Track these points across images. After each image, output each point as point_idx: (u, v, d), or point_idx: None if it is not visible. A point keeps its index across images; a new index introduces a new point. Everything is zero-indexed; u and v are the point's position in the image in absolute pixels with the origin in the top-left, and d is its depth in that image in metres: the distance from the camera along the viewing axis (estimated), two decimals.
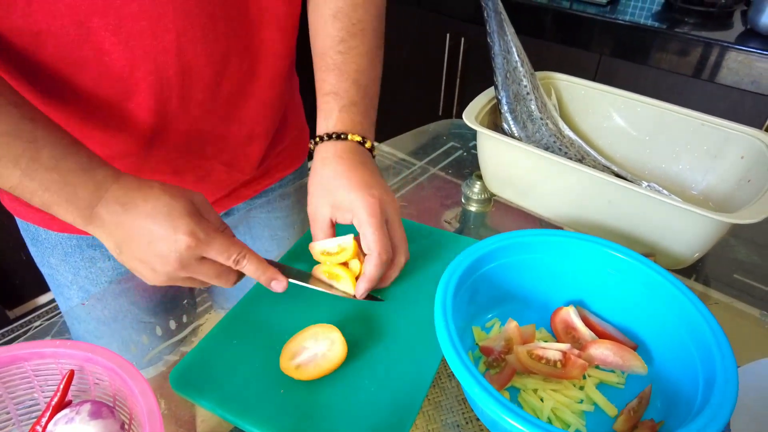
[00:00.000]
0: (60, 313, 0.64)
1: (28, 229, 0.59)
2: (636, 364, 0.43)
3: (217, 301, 0.61)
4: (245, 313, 0.49)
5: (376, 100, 0.54)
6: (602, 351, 0.44)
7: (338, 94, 0.50)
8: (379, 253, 0.45)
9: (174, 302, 0.58)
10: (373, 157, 0.51)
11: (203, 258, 0.42)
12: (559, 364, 0.41)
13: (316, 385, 0.42)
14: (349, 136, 0.49)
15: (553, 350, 0.42)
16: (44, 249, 0.59)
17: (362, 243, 0.46)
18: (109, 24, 0.41)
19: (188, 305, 0.59)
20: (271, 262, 0.46)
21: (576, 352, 0.43)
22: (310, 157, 0.59)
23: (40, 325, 1.67)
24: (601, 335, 0.46)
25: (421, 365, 0.44)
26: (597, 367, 0.44)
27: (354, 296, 0.48)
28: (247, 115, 0.56)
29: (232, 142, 0.57)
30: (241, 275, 0.45)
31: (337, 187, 0.47)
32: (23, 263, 1.63)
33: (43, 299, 1.73)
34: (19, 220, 0.60)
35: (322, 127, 0.50)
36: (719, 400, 0.33)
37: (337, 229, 0.50)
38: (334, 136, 0.49)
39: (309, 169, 0.75)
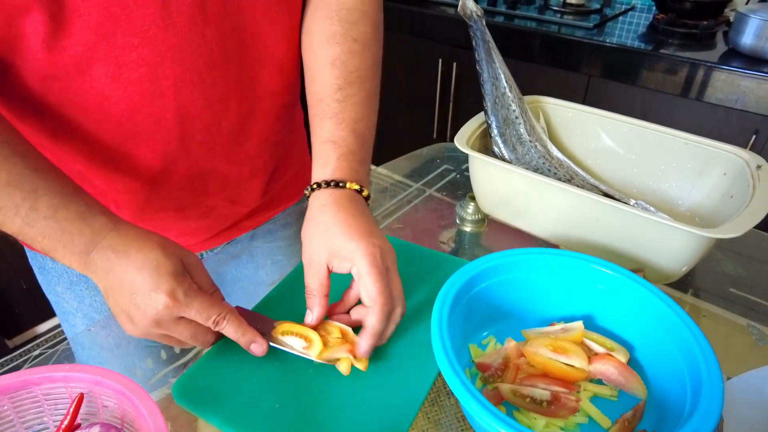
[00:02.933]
0: (61, 341, 0.65)
1: (35, 258, 0.61)
2: (637, 387, 0.44)
3: None
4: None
5: (371, 148, 0.54)
6: (607, 368, 0.44)
7: (336, 143, 0.50)
8: (383, 305, 0.44)
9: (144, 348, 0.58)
10: (368, 205, 0.51)
11: (181, 318, 0.42)
12: (545, 404, 0.42)
13: (311, 402, 0.44)
14: (348, 185, 0.48)
15: (539, 389, 0.42)
16: (51, 278, 0.61)
17: (363, 294, 0.45)
18: (109, 71, 0.43)
19: (148, 352, 0.58)
20: (249, 315, 0.47)
21: (566, 392, 0.42)
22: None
23: (40, 354, 1.66)
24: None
25: (417, 384, 0.45)
26: (594, 380, 0.45)
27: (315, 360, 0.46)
28: (248, 153, 0.57)
29: (234, 179, 0.59)
30: (219, 336, 0.46)
31: (336, 234, 0.45)
32: (23, 292, 1.63)
33: (42, 328, 1.72)
34: (27, 250, 0.61)
35: (319, 174, 0.50)
36: (705, 410, 0.35)
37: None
38: (332, 183, 0.48)
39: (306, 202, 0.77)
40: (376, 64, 0.55)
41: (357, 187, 0.49)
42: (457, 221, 0.71)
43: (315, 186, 0.49)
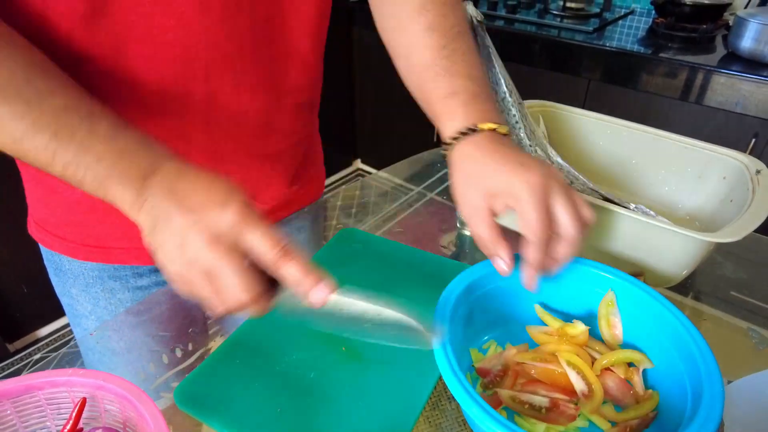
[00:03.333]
0: (62, 345, 0.65)
1: (51, 259, 0.61)
2: (632, 404, 0.43)
3: (226, 327, 0.62)
4: (249, 333, 0.51)
5: (493, 94, 0.52)
6: (608, 382, 0.44)
7: (456, 93, 0.48)
8: (540, 236, 0.41)
9: (183, 330, 0.59)
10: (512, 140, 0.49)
11: (236, 251, 0.35)
12: (544, 411, 0.42)
13: (313, 406, 0.44)
14: (479, 126, 0.46)
15: (539, 397, 0.42)
16: (66, 279, 0.61)
17: (520, 225, 0.42)
18: (144, 51, 0.44)
19: (194, 333, 0.60)
20: None
21: (566, 399, 0.42)
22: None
23: (41, 358, 1.66)
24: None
25: (418, 388, 0.45)
26: None
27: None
28: (271, 148, 0.58)
29: (255, 174, 0.59)
30: (266, 302, 0.38)
31: (487, 174, 0.43)
32: (24, 296, 1.63)
33: (43, 332, 1.73)
34: (43, 250, 0.61)
35: (449, 129, 0.48)
36: (705, 414, 0.35)
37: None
38: (467, 131, 0.46)
39: (325, 202, 0.78)
40: (465, 18, 0.56)
41: (492, 126, 0.46)
42: (458, 225, 0.71)
43: (451, 141, 0.47)
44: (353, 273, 0.52)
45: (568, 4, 1.67)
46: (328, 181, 2.43)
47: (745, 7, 1.59)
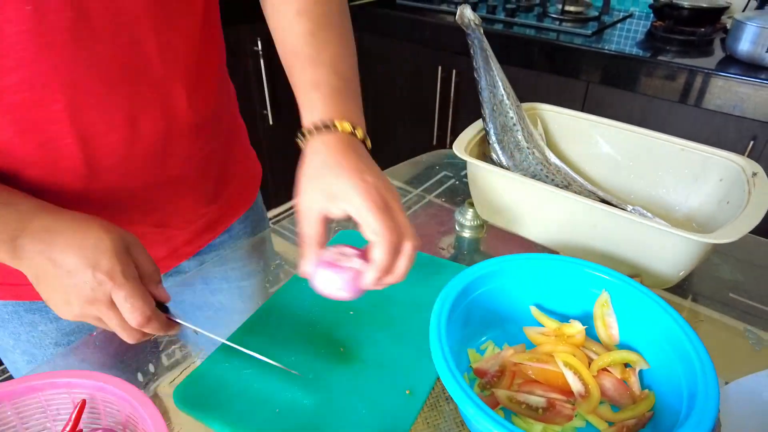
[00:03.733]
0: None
1: None
2: (629, 405, 0.43)
3: (197, 349, 0.58)
4: (248, 334, 0.51)
5: (359, 87, 0.51)
6: (605, 382, 0.44)
7: (318, 84, 0.47)
8: (388, 237, 0.41)
9: (134, 357, 0.55)
10: (367, 148, 0.48)
11: (112, 302, 0.40)
12: (541, 411, 0.42)
13: (311, 407, 0.44)
14: (337, 123, 0.45)
15: (536, 397, 0.43)
16: None
17: (366, 232, 0.42)
18: None
19: (149, 357, 0.55)
20: None
21: (563, 399, 0.43)
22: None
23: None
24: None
25: (416, 389, 0.46)
26: None
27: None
28: (169, 174, 0.54)
29: (157, 203, 0.55)
30: (145, 334, 0.43)
31: (327, 175, 0.43)
32: None
33: None
34: None
35: (307, 119, 0.47)
36: (700, 414, 0.35)
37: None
38: (322, 126, 0.45)
39: (262, 209, 0.72)
40: (343, 13, 0.54)
41: (349, 127, 0.46)
42: (456, 227, 0.72)
43: (306, 132, 0.46)
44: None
45: (567, 8, 1.68)
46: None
47: (743, 11, 1.59)
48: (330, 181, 0.43)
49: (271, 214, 2.05)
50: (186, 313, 0.58)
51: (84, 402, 0.38)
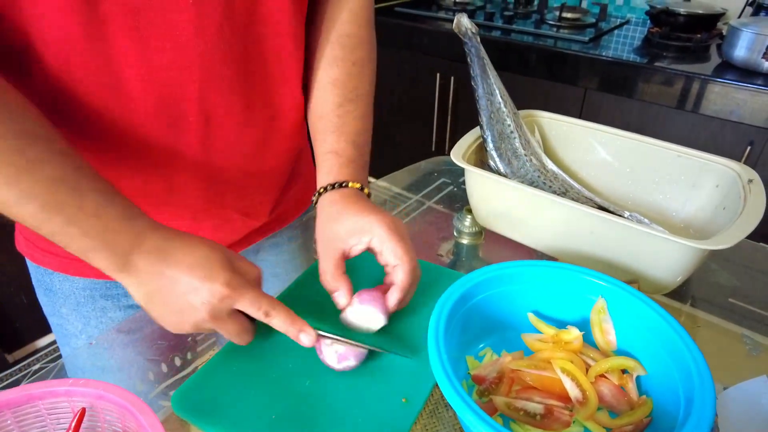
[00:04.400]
0: (60, 355, 0.65)
1: (41, 279, 0.61)
2: (627, 411, 0.44)
3: (220, 340, 0.63)
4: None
5: (368, 158, 0.58)
6: (602, 389, 0.45)
7: (338, 153, 0.54)
8: (410, 260, 0.47)
9: (170, 346, 0.59)
10: None
11: (233, 311, 0.43)
12: (539, 417, 0.42)
13: (308, 413, 0.44)
14: (350, 184, 0.53)
15: (534, 403, 0.43)
16: (56, 299, 0.61)
17: (387, 257, 0.48)
18: (140, 74, 0.45)
19: (191, 344, 0.60)
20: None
21: (561, 406, 0.43)
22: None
23: (40, 368, 1.66)
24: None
25: (414, 396, 0.46)
26: None
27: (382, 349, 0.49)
28: (265, 166, 0.59)
29: (250, 192, 0.60)
30: (254, 334, 0.47)
31: (349, 215, 0.49)
32: (24, 306, 1.64)
33: (42, 342, 1.72)
34: (33, 269, 0.61)
35: (324, 180, 0.54)
36: (696, 420, 0.35)
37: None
38: (336, 185, 0.52)
39: (315, 208, 0.78)
40: (371, 83, 0.60)
41: (359, 185, 0.53)
42: (455, 234, 0.72)
43: (322, 190, 0.53)
44: (352, 282, 0.52)
45: (564, 14, 1.69)
46: None
47: (739, 17, 1.60)
48: (350, 221, 0.49)
49: None
50: None
51: (84, 410, 0.38)
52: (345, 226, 0.49)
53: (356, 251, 0.49)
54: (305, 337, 0.46)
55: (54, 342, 1.72)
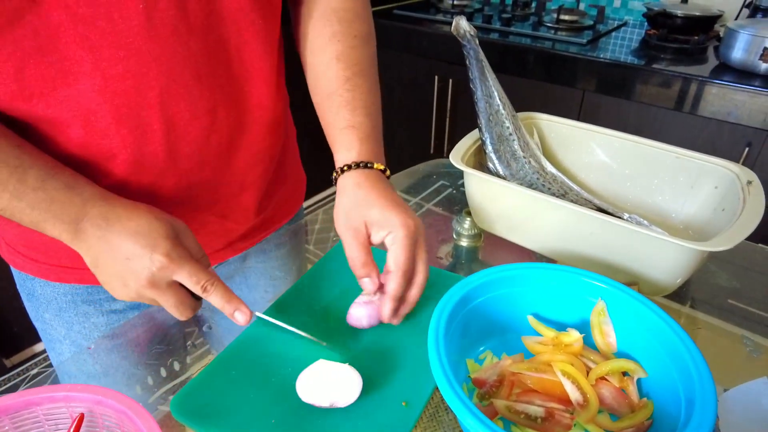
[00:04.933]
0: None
1: (23, 285, 0.60)
2: (628, 413, 0.43)
3: (214, 345, 0.62)
4: (245, 345, 0.51)
5: (381, 134, 0.58)
6: (603, 391, 0.44)
7: (355, 127, 0.53)
8: (404, 271, 0.48)
9: (167, 352, 0.59)
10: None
11: (172, 282, 0.44)
12: (540, 420, 0.42)
13: (308, 417, 0.44)
14: (375, 165, 0.53)
15: (534, 406, 0.43)
16: (39, 304, 0.60)
17: (389, 259, 0.48)
18: (95, 84, 0.43)
19: (180, 353, 0.59)
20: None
21: (562, 408, 0.43)
22: (312, 192, 0.59)
23: (38, 373, 1.65)
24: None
25: (414, 399, 0.46)
26: None
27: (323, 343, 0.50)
28: (238, 166, 0.57)
29: (224, 193, 0.58)
30: (195, 311, 0.47)
31: (374, 205, 0.49)
32: (21, 311, 1.62)
33: (39, 347, 1.72)
34: (16, 275, 0.61)
35: (345, 157, 0.53)
36: (697, 422, 0.35)
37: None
38: (361, 164, 0.52)
39: (304, 215, 0.78)
40: (373, 58, 0.59)
41: (383, 167, 0.53)
42: (454, 236, 0.72)
43: (345, 167, 0.52)
44: (352, 284, 0.52)
45: (562, 17, 1.70)
46: (327, 193, 2.44)
47: (735, 19, 1.61)
48: (376, 212, 0.49)
49: None
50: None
51: (82, 415, 0.38)
52: (370, 215, 0.49)
53: (375, 242, 0.50)
54: (240, 315, 0.46)
55: None
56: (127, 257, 0.42)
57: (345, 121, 0.54)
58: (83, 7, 0.40)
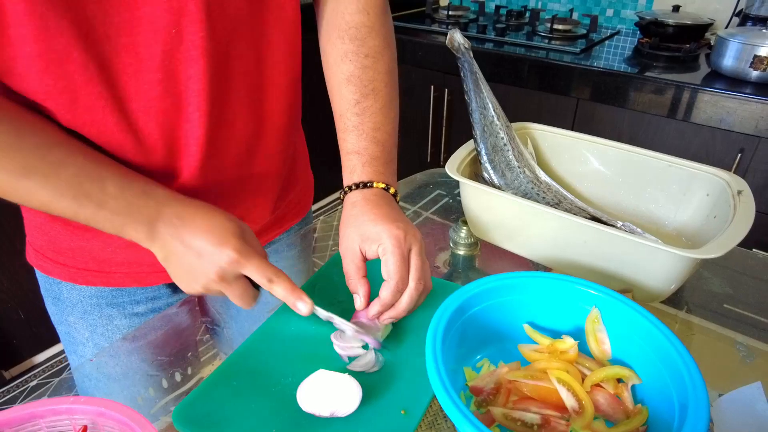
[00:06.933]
0: (58, 372, 0.66)
1: (49, 288, 0.62)
2: (623, 419, 0.44)
3: (222, 348, 0.63)
4: (246, 355, 0.52)
5: (395, 150, 0.59)
6: (598, 398, 0.45)
7: (359, 153, 0.56)
8: (397, 281, 0.49)
9: (181, 355, 0.60)
10: (397, 202, 0.57)
11: (239, 275, 0.47)
12: (536, 427, 0.43)
13: (308, 427, 0.44)
14: (375, 184, 0.55)
15: (531, 414, 0.43)
16: (64, 308, 0.62)
17: (383, 270, 0.50)
18: (140, 106, 0.47)
19: (192, 357, 0.61)
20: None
21: (557, 416, 0.43)
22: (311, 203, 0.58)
23: (37, 385, 1.65)
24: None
25: (412, 408, 0.46)
26: None
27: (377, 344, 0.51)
28: (254, 170, 0.60)
29: (241, 197, 0.61)
30: (257, 300, 0.50)
31: (365, 221, 0.52)
32: (21, 322, 1.63)
33: (39, 358, 1.72)
34: (42, 280, 0.63)
35: (348, 180, 0.56)
36: (692, 425, 0.36)
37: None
38: (360, 185, 0.55)
39: (313, 218, 0.80)
40: (389, 72, 0.60)
41: (383, 185, 0.55)
42: (451, 245, 0.73)
43: (347, 189, 0.56)
44: (350, 293, 0.53)
45: (556, 26, 1.72)
46: (326, 201, 2.45)
47: (726, 27, 1.63)
48: (367, 227, 0.51)
49: None
50: (231, 306, 0.68)
51: (85, 428, 0.39)
52: (360, 231, 0.52)
53: (370, 257, 0.52)
54: (302, 305, 0.48)
55: (51, 358, 1.71)
56: (199, 254, 0.46)
57: (351, 145, 0.57)
58: (123, 37, 0.43)
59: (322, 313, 0.51)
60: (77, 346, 0.64)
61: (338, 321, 0.52)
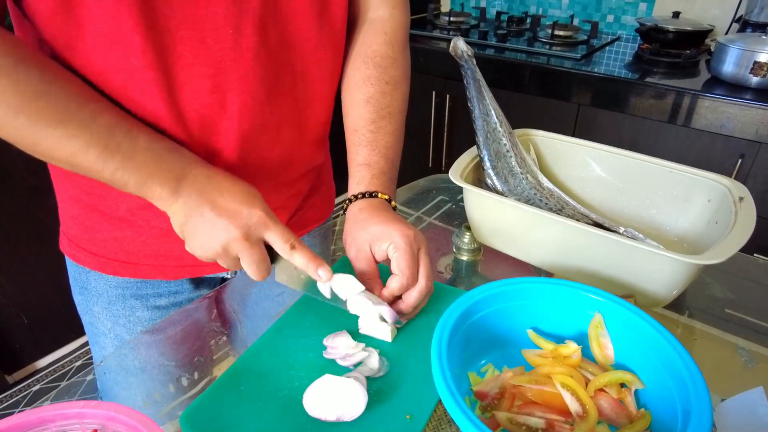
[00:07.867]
0: (60, 377, 0.67)
1: (78, 278, 0.65)
2: (626, 424, 0.44)
3: (236, 347, 0.64)
4: (253, 359, 0.52)
5: (398, 170, 0.63)
6: (602, 402, 0.45)
7: (370, 165, 0.60)
8: (408, 276, 0.51)
9: (196, 353, 0.61)
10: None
11: (261, 239, 0.48)
12: None
13: (312, 431, 0.45)
14: (379, 195, 0.58)
15: (535, 418, 0.44)
16: (90, 297, 0.65)
17: (393, 266, 0.52)
18: (187, 97, 0.49)
19: (205, 357, 0.62)
20: None
21: (562, 420, 0.44)
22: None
23: (40, 390, 1.65)
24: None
25: (417, 413, 0.47)
26: None
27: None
28: (290, 178, 0.63)
29: (274, 203, 0.62)
30: (269, 273, 0.51)
31: (374, 223, 0.54)
32: (24, 327, 1.63)
33: (42, 363, 1.72)
34: (72, 269, 0.65)
35: (355, 189, 0.59)
36: (694, 429, 0.36)
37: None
38: (367, 194, 0.58)
39: (333, 219, 0.81)
40: (403, 101, 0.64)
41: (387, 197, 0.59)
42: (454, 250, 0.73)
43: (353, 197, 0.58)
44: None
45: (557, 32, 1.73)
46: None
47: (726, 33, 1.64)
48: (377, 228, 0.54)
49: None
50: (247, 304, 0.70)
51: None
52: (369, 233, 0.54)
53: (379, 257, 0.54)
54: (323, 272, 0.50)
55: (53, 363, 1.72)
56: (225, 212, 0.46)
57: (363, 158, 0.60)
58: (183, 30, 0.46)
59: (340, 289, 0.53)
60: (99, 337, 0.67)
61: (355, 296, 0.52)
